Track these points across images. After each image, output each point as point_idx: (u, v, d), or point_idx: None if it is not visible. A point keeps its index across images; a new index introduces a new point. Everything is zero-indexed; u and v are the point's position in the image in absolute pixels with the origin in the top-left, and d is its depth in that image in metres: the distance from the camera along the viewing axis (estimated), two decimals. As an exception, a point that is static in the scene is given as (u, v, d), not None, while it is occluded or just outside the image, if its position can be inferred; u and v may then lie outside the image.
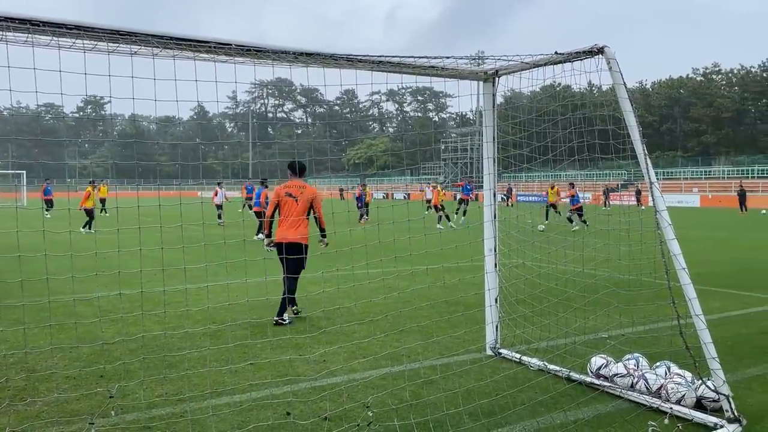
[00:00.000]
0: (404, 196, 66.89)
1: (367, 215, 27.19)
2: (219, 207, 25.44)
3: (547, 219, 23.68)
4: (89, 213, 21.44)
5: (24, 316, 7.34)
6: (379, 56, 4.85)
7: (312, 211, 7.63)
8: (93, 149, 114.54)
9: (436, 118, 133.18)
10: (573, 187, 22.91)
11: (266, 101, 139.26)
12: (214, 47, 4.22)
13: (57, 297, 8.38)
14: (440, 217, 23.43)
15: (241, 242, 6.70)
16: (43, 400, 4.82)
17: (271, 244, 7.67)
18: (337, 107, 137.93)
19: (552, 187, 25.41)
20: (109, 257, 10.68)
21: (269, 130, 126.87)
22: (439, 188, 25.61)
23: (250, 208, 25.95)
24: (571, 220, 22.18)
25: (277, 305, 7.44)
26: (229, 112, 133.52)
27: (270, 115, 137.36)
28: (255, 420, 4.40)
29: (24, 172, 55.16)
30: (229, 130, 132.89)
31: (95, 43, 3.84)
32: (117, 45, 3.85)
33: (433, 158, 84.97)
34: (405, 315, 7.69)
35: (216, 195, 26.49)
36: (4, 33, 3.63)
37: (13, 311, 7.54)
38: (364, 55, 4.77)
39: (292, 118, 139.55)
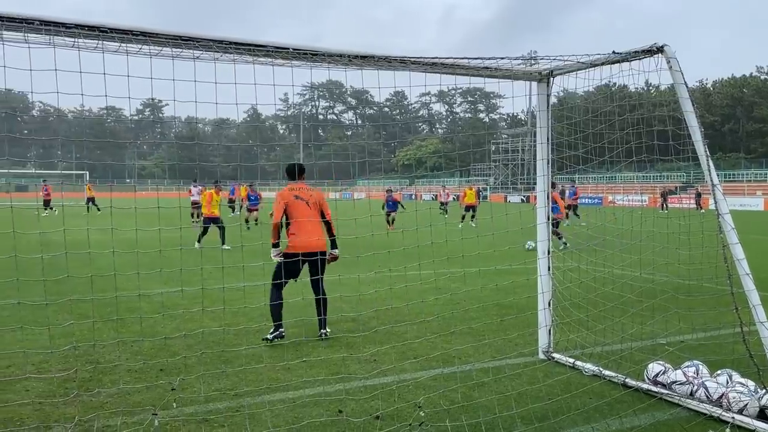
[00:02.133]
0: (454, 198, 66.57)
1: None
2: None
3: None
4: (214, 221, 16.33)
5: (92, 311, 7.67)
6: (432, 58, 4.86)
7: (322, 216, 6.92)
8: (151, 150, 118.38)
9: (487, 119, 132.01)
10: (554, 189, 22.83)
11: (317, 103, 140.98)
12: (272, 51, 4.32)
13: (121, 293, 8.72)
14: (464, 216, 24.82)
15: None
16: (108, 391, 5.03)
17: (280, 254, 6.71)
18: (386, 108, 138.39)
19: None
20: (170, 255, 11.02)
21: (320, 131, 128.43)
22: (473, 189, 27.05)
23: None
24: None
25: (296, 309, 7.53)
26: (281, 114, 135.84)
27: (321, 116, 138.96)
28: (308, 416, 4.48)
29: (87, 172, 57.40)
30: (281, 132, 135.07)
31: (160, 48, 3.99)
32: (180, 50, 3.99)
33: (483, 160, 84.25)
34: (456, 317, 7.68)
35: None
36: (75, 39, 3.81)
37: (80, 306, 7.88)
38: (418, 57, 4.79)
39: (342, 119, 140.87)
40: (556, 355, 5.93)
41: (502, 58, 4.84)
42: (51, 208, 32.74)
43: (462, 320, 7.51)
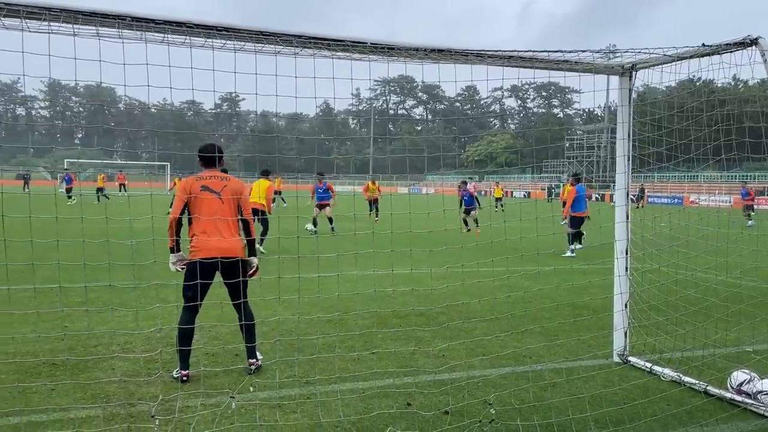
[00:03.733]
0: (524, 195, 65.35)
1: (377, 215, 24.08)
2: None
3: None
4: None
5: (175, 296, 8.02)
6: (510, 51, 4.79)
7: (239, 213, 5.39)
8: (228, 143, 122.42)
9: (561, 114, 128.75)
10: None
11: (388, 98, 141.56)
12: (350, 46, 4.37)
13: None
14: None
15: (370, 234, 6.87)
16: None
17: (182, 262, 5.26)
18: (457, 103, 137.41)
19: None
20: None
21: (390, 126, 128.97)
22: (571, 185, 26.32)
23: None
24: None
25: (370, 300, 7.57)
26: (352, 109, 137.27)
27: (391, 111, 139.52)
28: (377, 407, 4.53)
29: (168, 163, 60.01)
30: (352, 126, 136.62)
31: (243, 44, 4.11)
32: (263, 45, 4.09)
33: (557, 156, 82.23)
34: (528, 315, 7.55)
35: None
36: (165, 35, 3.98)
37: (164, 291, 8.26)
38: (495, 51, 4.73)
39: (412, 114, 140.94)
40: (632, 359, 5.73)
41: (584, 51, 4.71)
42: (125, 192, 34.78)
43: (534, 319, 7.38)
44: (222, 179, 5.34)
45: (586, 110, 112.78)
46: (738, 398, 4.74)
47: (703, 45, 4.72)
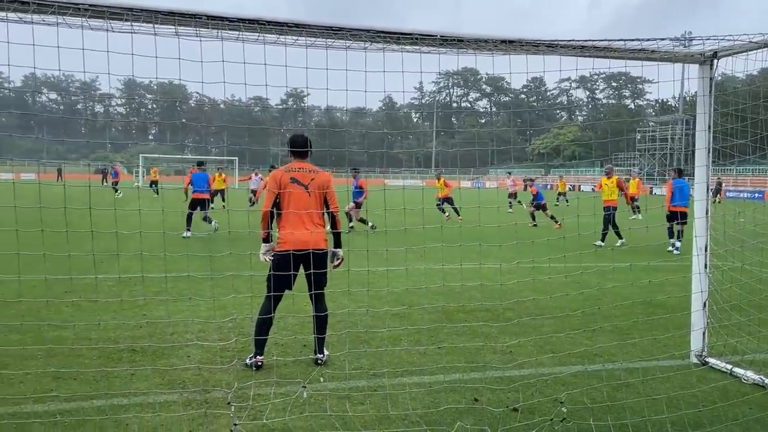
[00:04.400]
0: (593, 189, 63.45)
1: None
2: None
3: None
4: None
5: (250, 287, 8.26)
6: (584, 41, 4.65)
7: (325, 206, 5.41)
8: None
9: (632, 106, 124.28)
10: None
11: (451, 91, 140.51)
12: (419, 39, 4.35)
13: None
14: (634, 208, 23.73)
15: (439, 228, 6.83)
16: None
17: (271, 252, 5.34)
18: (523, 96, 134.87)
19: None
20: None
21: (453, 119, 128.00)
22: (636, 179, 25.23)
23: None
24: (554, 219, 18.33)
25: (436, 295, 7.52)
26: (415, 103, 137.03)
27: (454, 104, 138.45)
28: (444, 402, 4.51)
29: (236, 158, 61.67)
30: (415, 120, 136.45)
31: (314, 39, 4.17)
32: (333, 41, 4.13)
33: (627, 149, 79.48)
34: (598, 313, 7.34)
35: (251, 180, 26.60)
36: (241, 33, 4.08)
37: (235, 281, 8.50)
38: (568, 41, 4.60)
39: (476, 107, 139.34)
40: (711, 360, 5.48)
41: (662, 39, 4.51)
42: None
43: (605, 317, 7.17)
44: (310, 171, 5.37)
45: (659, 101, 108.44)
46: (829, 405, 4.46)
47: (795, 29, 4.44)
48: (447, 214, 21.65)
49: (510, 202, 27.18)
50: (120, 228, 5.19)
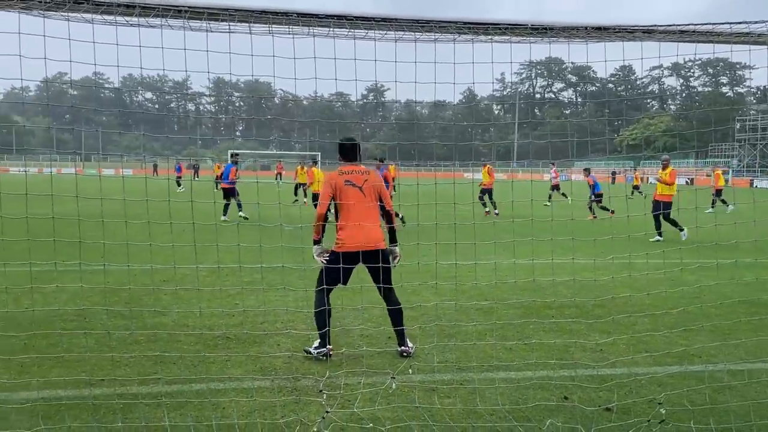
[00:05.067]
0: (686, 182, 60.26)
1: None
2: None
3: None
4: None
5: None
6: (685, 25, 4.40)
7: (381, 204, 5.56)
8: (373, 133, 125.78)
9: (731, 93, 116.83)
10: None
11: (534, 81, 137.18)
12: (508, 28, 4.27)
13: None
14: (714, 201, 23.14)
15: (510, 222, 6.72)
16: (344, 353, 5.49)
17: (325, 254, 5.49)
18: (611, 85, 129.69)
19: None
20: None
21: (536, 111, 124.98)
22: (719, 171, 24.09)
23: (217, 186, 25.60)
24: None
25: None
26: (496, 95, 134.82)
27: (538, 95, 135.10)
28: (533, 399, 4.43)
29: (319, 153, 62.98)
30: (496, 112, 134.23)
31: (402, 33, 4.17)
32: (421, 33, 4.13)
33: (726, 139, 74.84)
34: (694, 312, 6.97)
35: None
36: (331, 30, 4.14)
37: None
38: (669, 25, 4.37)
39: (560, 98, 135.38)
40: (825, 366, 5.09)
41: (773, 20, 4.20)
42: (281, 181, 36.65)
43: (702, 316, 6.80)
44: (363, 173, 5.50)
45: (761, 87, 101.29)
46: None
47: None
48: (487, 209, 20.76)
49: (550, 195, 25.76)
50: (209, 220, 5.41)
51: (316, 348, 5.35)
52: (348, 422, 3.92)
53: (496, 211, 20.14)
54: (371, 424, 3.86)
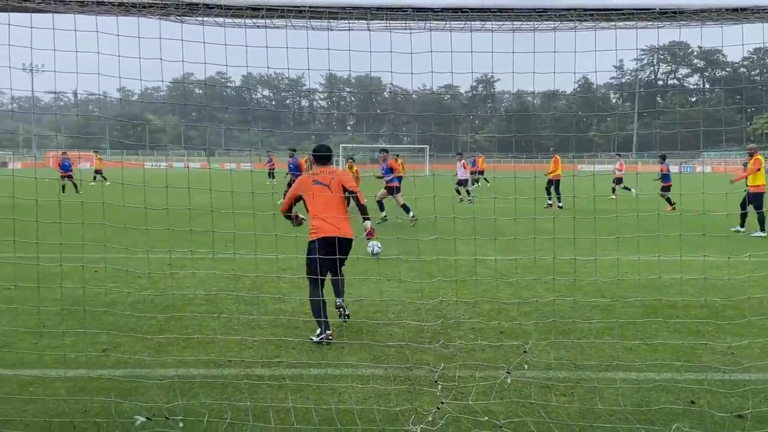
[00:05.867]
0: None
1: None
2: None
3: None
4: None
5: (437, 271, 8.51)
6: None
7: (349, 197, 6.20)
8: (482, 125, 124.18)
9: None
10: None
11: (656, 68, 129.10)
12: (634, 13, 4.07)
13: (460, 257, 9.46)
14: None
15: (655, 215, 6.39)
16: (455, 345, 5.51)
17: (297, 217, 6.17)
18: (743, 69, 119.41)
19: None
20: (502, 223, 11.49)
21: (658, 99, 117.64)
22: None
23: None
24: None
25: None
26: (613, 83, 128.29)
27: (660, 82, 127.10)
28: (656, 402, 4.23)
29: (427, 146, 63.10)
30: (614, 101, 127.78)
31: (520, 23, 4.10)
32: (540, 22, 4.04)
33: None
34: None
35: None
36: (447, 23, 4.15)
37: (427, 266, 8.76)
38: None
39: (686, 84, 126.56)
40: None
41: None
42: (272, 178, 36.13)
43: None
44: (330, 173, 6.21)
45: None
46: None
47: None
48: (550, 202, 20.24)
49: (614, 188, 23.86)
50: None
51: (318, 335, 5.67)
52: (462, 414, 3.94)
53: (560, 204, 19.79)
54: (486, 418, 3.85)
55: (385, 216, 15.46)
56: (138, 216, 7.58)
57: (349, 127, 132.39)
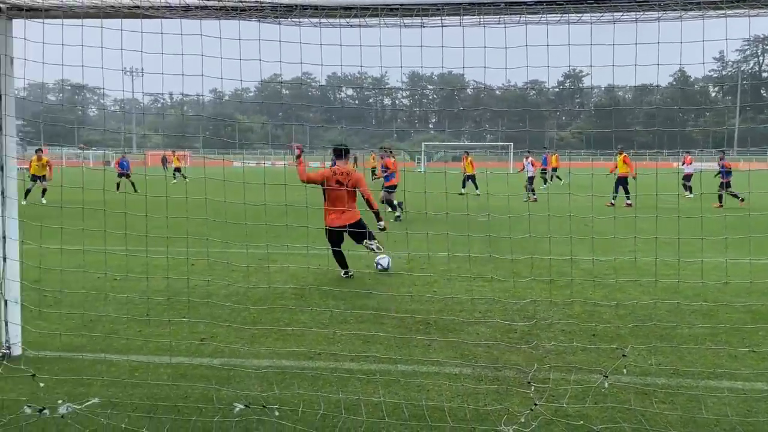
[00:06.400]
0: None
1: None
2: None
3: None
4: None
5: (530, 270, 8.34)
6: None
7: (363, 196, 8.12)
8: (569, 121, 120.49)
9: None
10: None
11: (761, 59, 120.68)
12: (725, 2, 3.83)
13: (553, 256, 9.20)
14: None
15: (746, 215, 6.00)
16: (545, 347, 5.38)
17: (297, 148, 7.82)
18: None
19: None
20: (597, 222, 11.09)
21: (762, 92, 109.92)
22: None
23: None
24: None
25: None
26: (713, 75, 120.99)
27: (765, 74, 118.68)
28: (764, 413, 3.96)
29: (511, 143, 61.99)
30: (713, 94, 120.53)
31: (620, 14, 3.95)
32: (641, 13, 3.87)
33: None
34: None
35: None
36: (542, 16, 4.06)
37: (517, 264, 8.59)
38: None
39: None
40: None
41: None
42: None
43: None
44: (347, 174, 8.13)
45: None
46: None
47: None
48: (620, 198, 19.36)
49: (688, 186, 22.62)
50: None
51: (343, 273, 8.19)
52: (555, 417, 3.84)
53: (629, 202, 19.03)
54: (581, 422, 3.74)
55: (398, 215, 15.55)
56: (234, 213, 7.90)
57: (431, 125, 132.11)
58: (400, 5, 4.25)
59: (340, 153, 8.27)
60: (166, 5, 4.01)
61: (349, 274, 8.20)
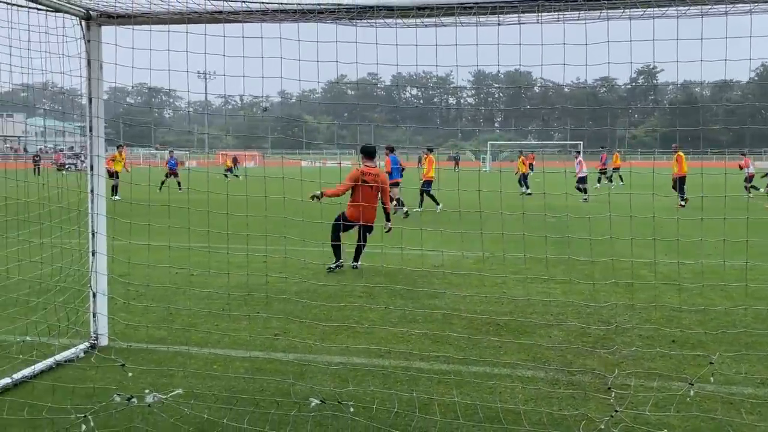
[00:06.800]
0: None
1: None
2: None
3: None
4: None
5: (594, 272, 8.12)
6: None
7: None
8: (642, 119, 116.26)
9: None
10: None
11: None
12: None
13: (621, 258, 8.90)
14: None
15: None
16: (621, 352, 5.21)
17: (316, 197, 8.06)
18: None
19: None
20: (664, 223, 10.66)
21: None
22: None
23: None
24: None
25: None
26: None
27: None
28: None
29: (581, 142, 60.32)
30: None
31: (686, 8, 3.80)
32: (710, 7, 3.70)
33: None
34: None
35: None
36: (602, 11, 3.94)
37: (588, 267, 8.39)
38: None
39: None
40: None
41: None
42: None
43: None
44: (375, 175, 8.74)
45: None
46: None
47: None
48: (683, 199, 18.47)
49: (748, 186, 21.46)
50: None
51: (333, 263, 8.62)
52: (636, 424, 3.72)
53: (683, 203, 18.44)
54: (664, 431, 3.60)
55: (407, 211, 15.79)
56: (310, 212, 8.06)
57: (496, 124, 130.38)
58: (474, 3, 4.22)
59: (369, 153, 8.94)
60: (247, 9, 4.14)
61: (339, 265, 8.65)
